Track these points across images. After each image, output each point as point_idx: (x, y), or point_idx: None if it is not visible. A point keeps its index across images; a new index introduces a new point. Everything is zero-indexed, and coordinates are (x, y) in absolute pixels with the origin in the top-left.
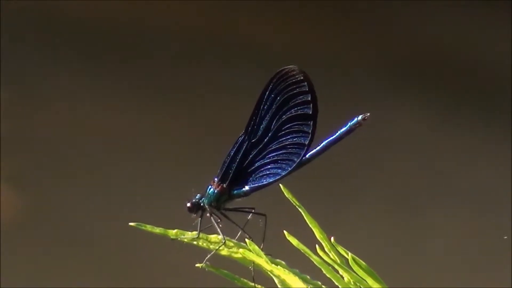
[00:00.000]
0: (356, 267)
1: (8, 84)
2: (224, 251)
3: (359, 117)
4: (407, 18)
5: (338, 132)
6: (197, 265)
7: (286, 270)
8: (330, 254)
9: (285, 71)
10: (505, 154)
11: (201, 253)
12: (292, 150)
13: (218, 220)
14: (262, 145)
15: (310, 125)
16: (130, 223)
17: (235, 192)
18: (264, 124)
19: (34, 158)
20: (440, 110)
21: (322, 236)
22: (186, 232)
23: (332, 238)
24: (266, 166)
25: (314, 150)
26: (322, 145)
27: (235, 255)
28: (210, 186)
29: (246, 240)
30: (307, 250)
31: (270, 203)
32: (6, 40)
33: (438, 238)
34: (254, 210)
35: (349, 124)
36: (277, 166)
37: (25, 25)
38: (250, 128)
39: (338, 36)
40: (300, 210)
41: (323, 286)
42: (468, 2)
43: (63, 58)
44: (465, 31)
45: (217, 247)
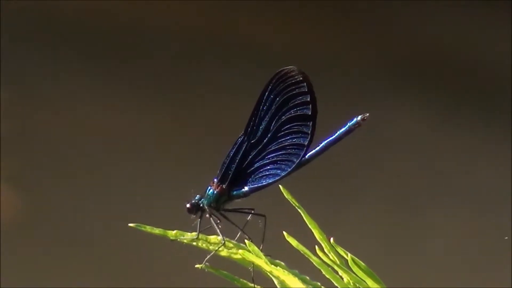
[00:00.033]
0: (355, 268)
1: (8, 84)
2: (223, 252)
3: (359, 117)
4: (407, 18)
5: (338, 132)
6: (196, 266)
7: (286, 271)
8: (330, 255)
9: (284, 72)
10: (505, 154)
11: (200, 253)
12: (291, 151)
13: (218, 221)
14: (261, 145)
15: (310, 125)
16: (130, 224)
17: (235, 193)
18: (263, 124)
19: (34, 158)
20: (440, 110)
21: (321, 237)
22: (185, 233)
23: (331, 239)
24: (265, 167)
25: (313, 151)
26: (321, 145)
27: (235, 256)
28: (209, 187)
29: (246, 241)
30: (307, 251)
31: (269, 204)
32: (6, 40)
33: (438, 238)
34: (253, 211)
35: (348, 124)
36: (276, 167)
37: (25, 25)
38: (249, 128)
39: (338, 36)
40: (299, 210)
41: (323, 287)
42: (468, 2)
43: (63, 58)
44: (465, 31)
45: (216, 248)
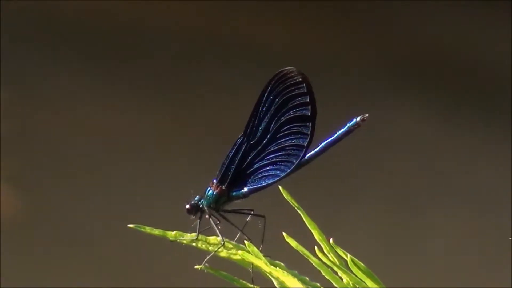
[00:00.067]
0: (355, 269)
1: (8, 84)
2: (223, 253)
3: (358, 118)
4: (407, 18)
5: (337, 133)
6: (196, 266)
7: (285, 272)
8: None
9: (283, 73)
10: (505, 154)
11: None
12: (291, 152)
13: (217, 221)
14: (261, 146)
15: (309, 126)
16: (129, 225)
17: (234, 193)
18: (263, 125)
19: (34, 158)
20: (440, 110)
21: (321, 237)
22: (185, 233)
23: (331, 240)
24: (265, 168)
25: (312, 152)
26: (320, 146)
27: (234, 257)
28: (209, 188)
29: (245, 241)
30: (306, 252)
31: (269, 205)
32: (6, 40)
33: (438, 238)
34: (253, 212)
35: (347, 125)
36: (276, 168)
37: (25, 25)
38: (249, 129)
39: (338, 36)
40: (299, 211)
41: None
42: (468, 2)
43: (63, 58)
44: (465, 31)
45: (216, 249)
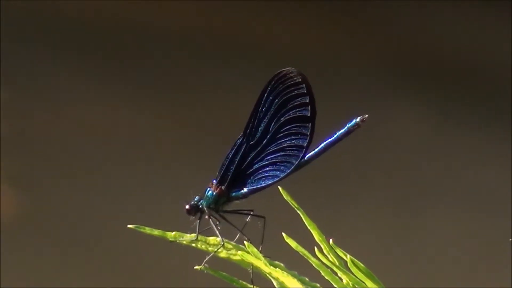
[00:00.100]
0: (354, 269)
1: (8, 84)
2: (222, 253)
3: (358, 118)
4: (407, 18)
5: (337, 134)
6: (196, 267)
7: (285, 272)
8: (329, 256)
9: (283, 73)
10: (505, 154)
11: (200, 255)
12: (290, 152)
13: (217, 222)
14: (260, 147)
15: (309, 127)
16: (129, 226)
17: (234, 194)
18: (262, 126)
19: (34, 158)
20: (440, 110)
21: (320, 238)
22: (184, 234)
23: (331, 240)
24: (264, 168)
25: (312, 152)
26: (320, 147)
27: (234, 257)
28: (208, 189)
29: (245, 242)
30: (306, 252)
31: (268, 205)
32: (6, 40)
33: (438, 238)
34: (252, 212)
35: (347, 126)
36: (275, 168)
37: (25, 25)
38: (248, 130)
39: (338, 36)
40: (298, 212)
41: None
42: (468, 2)
43: (63, 58)
44: (465, 31)
45: (215, 249)
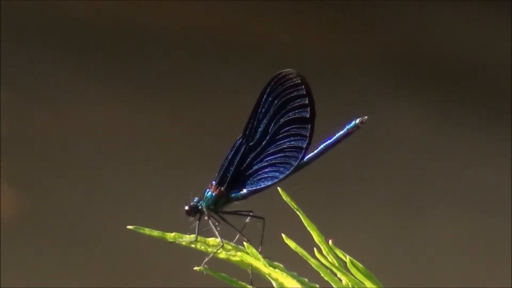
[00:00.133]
0: (354, 270)
1: (8, 84)
2: (222, 254)
3: (357, 120)
4: (407, 18)
5: (336, 135)
6: (195, 268)
7: (284, 273)
8: (328, 257)
9: (282, 75)
10: (505, 154)
11: (199, 256)
12: (290, 154)
13: (216, 223)
14: (260, 148)
15: (308, 128)
16: (128, 226)
17: (233, 195)
18: (262, 127)
19: (34, 158)
20: (440, 110)
21: (320, 239)
22: (184, 235)
23: (330, 241)
24: (264, 169)
25: (311, 154)
26: (319, 148)
27: (233, 258)
28: (208, 189)
29: (244, 243)
30: (305, 253)
31: (268, 206)
32: (6, 40)
33: (438, 238)
34: (252, 213)
35: (347, 127)
36: (275, 170)
37: (25, 25)
38: (248, 131)
39: (338, 36)
40: (298, 213)
41: None
42: (468, 2)
43: (63, 58)
44: (465, 31)
45: (215, 250)
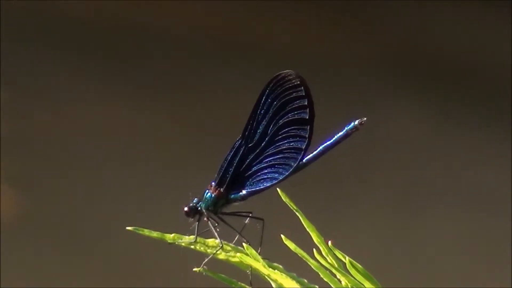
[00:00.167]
0: (353, 271)
1: (8, 84)
2: (221, 255)
3: (356, 121)
4: (407, 18)
5: (335, 136)
6: (194, 269)
7: (284, 274)
8: (328, 258)
9: (281, 76)
10: (505, 154)
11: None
12: (289, 155)
13: (216, 224)
14: (259, 149)
15: (307, 129)
16: (128, 227)
17: (232, 196)
18: (261, 128)
19: (34, 158)
20: (440, 110)
21: (319, 240)
22: (183, 236)
23: (329, 242)
24: (263, 171)
25: (311, 155)
26: (319, 149)
27: (233, 259)
28: (207, 191)
29: (244, 244)
30: (305, 254)
31: (267, 207)
32: (6, 40)
33: (438, 238)
34: (251, 214)
35: (346, 128)
36: (274, 171)
37: (25, 25)
38: (247, 132)
39: (338, 36)
40: (297, 214)
41: None
42: (468, 2)
43: (63, 58)
44: (465, 31)
45: (214, 251)
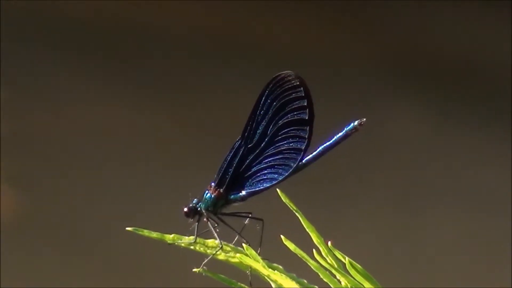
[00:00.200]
0: (353, 271)
1: (8, 84)
2: (221, 256)
3: (355, 122)
4: (407, 18)
5: (335, 137)
6: (194, 270)
7: (283, 275)
8: (327, 259)
9: (281, 77)
10: (505, 154)
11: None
12: (288, 155)
13: (215, 224)
14: (258, 150)
15: (307, 130)
16: (127, 228)
17: (232, 197)
18: (260, 129)
19: (34, 158)
20: (440, 110)
21: (319, 240)
22: (183, 236)
23: (329, 242)
24: (263, 171)
25: (310, 155)
26: (318, 150)
27: (232, 260)
28: (207, 191)
29: (243, 244)
30: (304, 255)
31: (267, 208)
32: (6, 40)
33: (438, 238)
34: (251, 215)
35: (345, 129)
36: (273, 171)
37: (25, 25)
38: (246, 133)
39: (338, 36)
40: (297, 214)
41: None
42: (468, 2)
43: (63, 58)
44: (465, 31)
45: (214, 252)
